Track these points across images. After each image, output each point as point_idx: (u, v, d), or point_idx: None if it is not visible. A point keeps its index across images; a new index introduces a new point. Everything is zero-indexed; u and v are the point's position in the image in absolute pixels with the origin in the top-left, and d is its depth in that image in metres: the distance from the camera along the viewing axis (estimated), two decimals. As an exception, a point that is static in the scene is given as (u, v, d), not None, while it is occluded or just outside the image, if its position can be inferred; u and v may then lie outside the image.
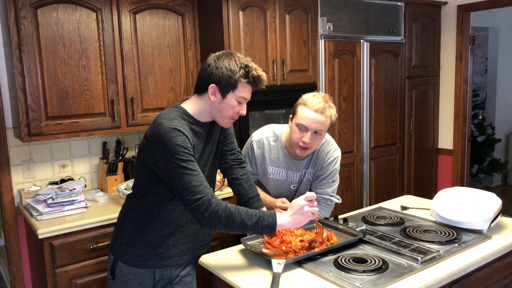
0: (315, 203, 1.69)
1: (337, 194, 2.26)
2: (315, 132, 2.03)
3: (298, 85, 3.22)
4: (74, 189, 2.64)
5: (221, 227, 1.59)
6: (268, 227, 1.61)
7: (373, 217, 2.17)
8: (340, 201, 2.26)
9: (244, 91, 1.71)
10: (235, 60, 1.69)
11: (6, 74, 2.71)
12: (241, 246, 1.86)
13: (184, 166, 1.57)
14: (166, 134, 1.59)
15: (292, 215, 1.65)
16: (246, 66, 1.68)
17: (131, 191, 1.81)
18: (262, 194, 2.19)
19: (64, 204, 2.53)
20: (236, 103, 1.71)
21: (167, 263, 1.73)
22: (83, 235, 2.42)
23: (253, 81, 1.70)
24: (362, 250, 1.78)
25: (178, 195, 1.61)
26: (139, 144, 1.79)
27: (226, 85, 1.68)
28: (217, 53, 1.74)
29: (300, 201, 1.66)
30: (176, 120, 1.64)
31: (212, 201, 1.57)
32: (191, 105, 1.76)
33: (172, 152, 1.57)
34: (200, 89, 1.74)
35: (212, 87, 1.68)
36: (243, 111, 1.75)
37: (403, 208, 2.34)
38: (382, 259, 1.67)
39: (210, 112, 1.74)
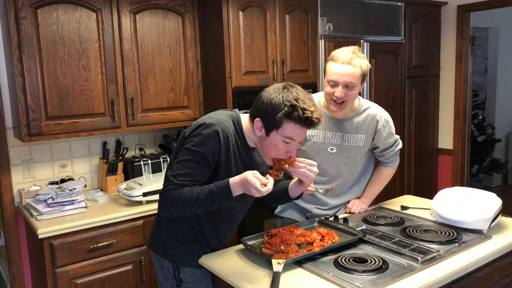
0: (269, 182, 1.51)
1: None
2: (346, 86, 1.99)
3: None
4: (74, 189, 2.64)
5: (170, 207, 1.60)
6: (221, 186, 1.55)
7: (373, 217, 2.17)
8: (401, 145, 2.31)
9: (290, 132, 1.56)
10: (282, 96, 1.55)
11: (6, 74, 2.71)
12: (241, 246, 1.86)
13: (192, 158, 1.59)
14: (206, 131, 1.61)
15: (241, 177, 1.54)
16: (292, 105, 1.53)
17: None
18: None
19: (64, 204, 2.53)
20: (282, 143, 1.58)
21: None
22: (83, 235, 2.42)
23: (299, 122, 1.54)
24: (362, 250, 1.78)
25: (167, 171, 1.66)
26: (177, 143, 1.74)
27: (270, 122, 1.57)
28: (275, 85, 1.63)
29: (250, 176, 1.51)
30: (224, 127, 1.64)
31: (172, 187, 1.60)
32: (245, 122, 1.71)
33: (197, 144, 1.60)
34: (251, 118, 1.67)
35: (257, 121, 1.61)
36: (292, 152, 1.61)
37: (403, 208, 2.34)
38: (382, 259, 1.67)
39: (256, 141, 1.70)
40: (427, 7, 4.12)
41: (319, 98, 2.22)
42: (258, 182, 1.49)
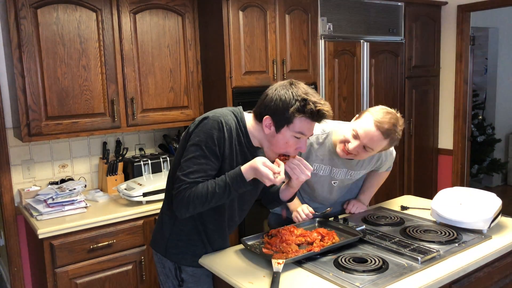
0: (279, 170, 1.53)
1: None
2: (364, 147, 1.91)
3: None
4: (74, 189, 2.64)
5: (190, 205, 1.58)
6: (234, 175, 1.56)
7: (373, 217, 2.17)
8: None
9: (301, 127, 1.57)
10: (292, 92, 1.56)
11: (6, 74, 2.71)
12: (241, 246, 1.86)
13: (201, 154, 1.59)
14: (210, 123, 1.60)
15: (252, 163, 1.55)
16: (303, 99, 1.54)
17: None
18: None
19: (64, 204, 2.53)
20: (293, 139, 1.59)
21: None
22: (83, 235, 2.42)
23: (311, 116, 1.55)
24: (362, 250, 1.78)
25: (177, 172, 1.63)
26: (181, 139, 1.72)
27: (281, 119, 1.57)
28: (280, 82, 1.63)
29: (261, 164, 1.52)
30: (228, 120, 1.63)
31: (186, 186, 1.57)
32: (249, 121, 1.70)
33: (202, 139, 1.59)
34: (257, 117, 1.66)
35: (266, 119, 1.60)
36: (302, 148, 1.63)
37: (403, 208, 2.34)
38: (382, 259, 1.67)
39: (261, 140, 1.69)
40: (427, 7, 4.12)
41: (329, 132, 2.09)
42: (271, 173, 1.51)
